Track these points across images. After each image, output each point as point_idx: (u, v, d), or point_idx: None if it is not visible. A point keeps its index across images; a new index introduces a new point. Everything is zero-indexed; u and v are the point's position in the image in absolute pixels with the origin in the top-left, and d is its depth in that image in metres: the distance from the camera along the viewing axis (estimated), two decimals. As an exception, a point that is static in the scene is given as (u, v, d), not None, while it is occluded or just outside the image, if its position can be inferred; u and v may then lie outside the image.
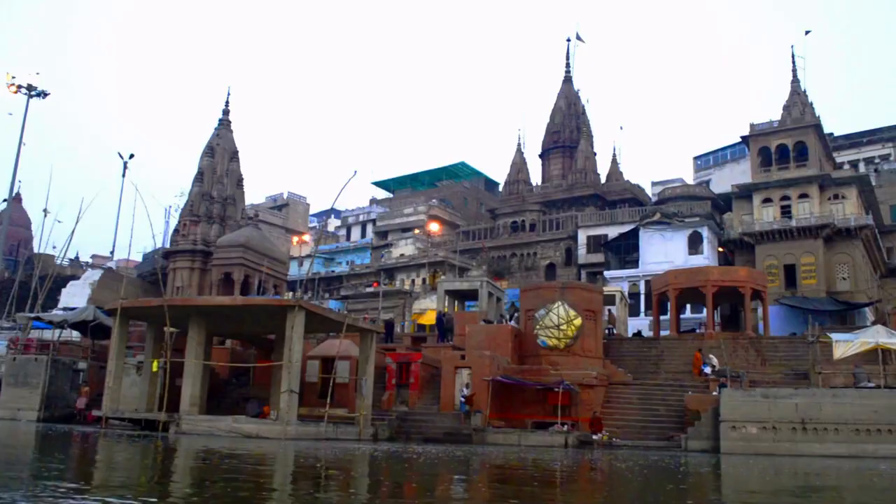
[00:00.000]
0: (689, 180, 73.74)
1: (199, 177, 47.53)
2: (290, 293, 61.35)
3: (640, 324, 41.97)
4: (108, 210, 63.42)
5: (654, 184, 72.30)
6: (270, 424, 21.17)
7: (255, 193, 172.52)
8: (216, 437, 20.27)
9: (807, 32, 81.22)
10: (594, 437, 23.93)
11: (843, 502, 10.46)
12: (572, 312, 28.11)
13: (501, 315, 33.85)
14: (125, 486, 8.69)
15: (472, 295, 37.07)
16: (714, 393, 24.15)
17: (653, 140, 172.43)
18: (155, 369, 24.00)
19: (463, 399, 25.19)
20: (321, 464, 13.54)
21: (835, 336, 22.93)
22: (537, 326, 28.38)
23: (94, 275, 52.55)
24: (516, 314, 32.20)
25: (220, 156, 48.49)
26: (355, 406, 25.07)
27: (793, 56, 57.01)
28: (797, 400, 21.51)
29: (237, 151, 49.51)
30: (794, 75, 55.43)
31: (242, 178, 49.35)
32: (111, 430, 21.96)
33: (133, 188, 59.03)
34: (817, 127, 48.30)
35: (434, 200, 66.40)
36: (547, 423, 25.40)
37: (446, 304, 36.75)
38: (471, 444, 22.93)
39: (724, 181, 62.71)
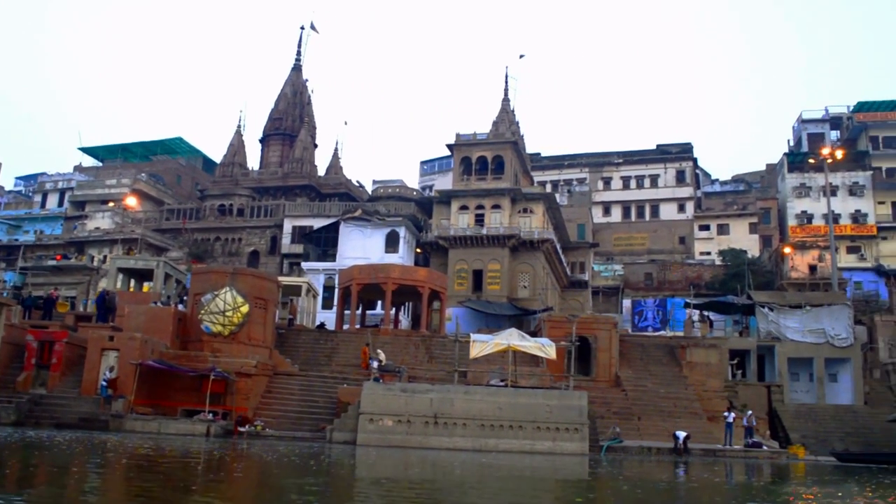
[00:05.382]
0: (415, 184, 76.17)
1: None
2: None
3: (332, 317, 42.26)
4: None
5: (374, 182, 73.78)
6: None
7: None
8: None
9: (521, 56, 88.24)
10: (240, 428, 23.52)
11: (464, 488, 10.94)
12: (240, 299, 27.52)
13: (169, 296, 32.44)
14: None
15: (150, 275, 35.12)
16: (367, 386, 24.66)
17: (385, 141, 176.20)
18: None
19: (105, 383, 23.66)
20: None
21: (474, 336, 24.41)
22: (202, 311, 27.45)
23: None
24: (186, 297, 30.99)
25: None
26: (-25, 386, 22.60)
27: (506, 76, 61.11)
28: (432, 395, 22.57)
29: None
30: (506, 94, 59.40)
31: None
32: None
33: None
34: (515, 144, 51.82)
35: (143, 174, 62.44)
36: (199, 411, 24.56)
37: (119, 282, 34.52)
38: (106, 431, 21.61)
39: (445, 186, 65.23)
